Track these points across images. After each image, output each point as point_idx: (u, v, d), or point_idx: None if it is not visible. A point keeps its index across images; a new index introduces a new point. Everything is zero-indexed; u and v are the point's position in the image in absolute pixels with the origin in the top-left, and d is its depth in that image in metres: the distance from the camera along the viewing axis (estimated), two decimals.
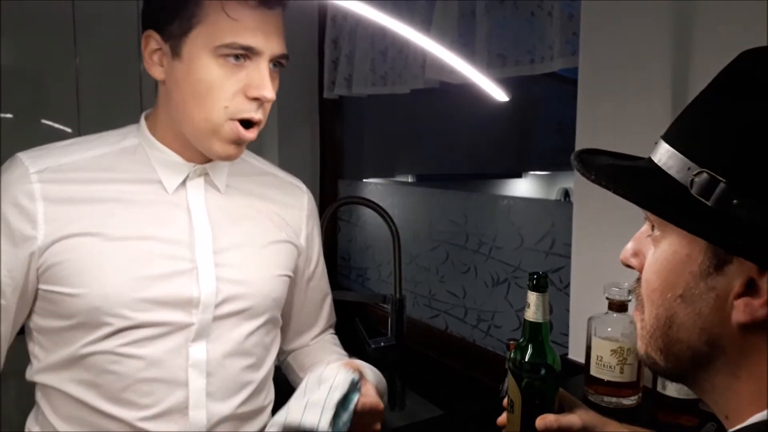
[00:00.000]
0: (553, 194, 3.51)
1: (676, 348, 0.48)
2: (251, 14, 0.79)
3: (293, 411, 0.77)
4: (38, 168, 0.83)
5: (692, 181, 0.43)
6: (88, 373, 0.85)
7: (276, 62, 0.85)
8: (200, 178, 0.91)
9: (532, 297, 0.77)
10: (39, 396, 0.90)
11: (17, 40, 2.05)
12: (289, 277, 1.00)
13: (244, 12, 0.79)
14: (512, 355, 0.79)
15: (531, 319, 0.77)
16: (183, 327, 0.86)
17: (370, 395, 0.83)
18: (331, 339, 1.16)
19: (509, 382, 0.79)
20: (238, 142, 0.85)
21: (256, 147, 2.40)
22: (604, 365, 0.96)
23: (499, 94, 1.15)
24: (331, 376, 0.79)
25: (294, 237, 1.00)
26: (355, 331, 1.46)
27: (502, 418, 0.82)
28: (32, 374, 0.90)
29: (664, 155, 0.46)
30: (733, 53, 0.47)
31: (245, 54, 0.80)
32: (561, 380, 0.80)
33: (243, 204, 0.94)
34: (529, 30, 1.44)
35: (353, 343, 1.65)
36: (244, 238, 0.92)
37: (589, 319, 1.01)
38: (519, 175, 3.43)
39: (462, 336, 1.73)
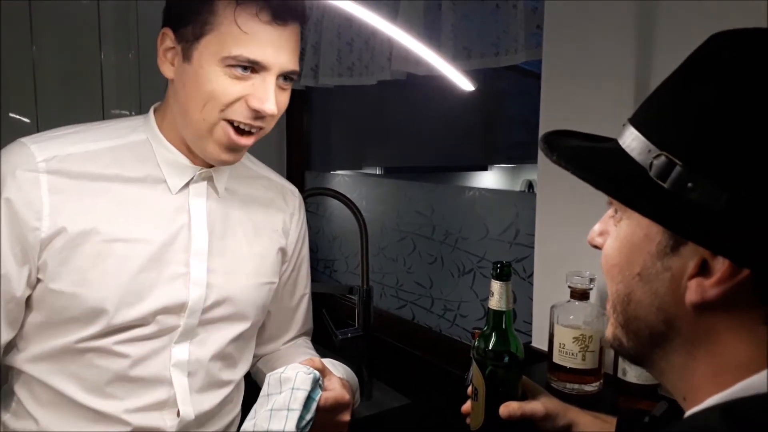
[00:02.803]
0: (518, 186, 3.56)
1: (634, 325, 0.49)
2: (263, 29, 0.80)
3: (260, 418, 0.78)
4: (46, 156, 0.82)
5: (651, 163, 0.43)
6: (73, 366, 0.85)
7: (286, 77, 0.85)
8: (204, 182, 0.90)
9: (496, 286, 0.78)
10: (17, 384, 0.89)
11: None
12: (275, 283, 1.01)
13: (256, 26, 0.79)
14: (476, 343, 0.80)
15: (495, 308, 0.78)
16: (170, 329, 0.88)
17: (334, 388, 0.84)
18: (303, 343, 1.16)
19: (473, 370, 0.80)
20: (232, 148, 0.85)
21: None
22: (567, 352, 0.98)
23: (465, 84, 1.16)
24: (291, 376, 0.80)
25: (283, 243, 1.02)
26: (322, 322, 1.46)
27: (466, 406, 0.83)
28: (12, 361, 0.88)
29: (629, 138, 0.47)
30: (698, 40, 0.47)
31: (252, 66, 0.80)
32: (524, 368, 0.82)
33: (239, 209, 0.95)
34: (494, 23, 1.45)
35: (321, 334, 1.65)
36: (238, 244, 0.94)
37: (552, 307, 1.03)
38: (485, 168, 3.47)
39: (428, 326, 1.75)
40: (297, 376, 0.79)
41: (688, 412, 0.44)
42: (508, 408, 0.77)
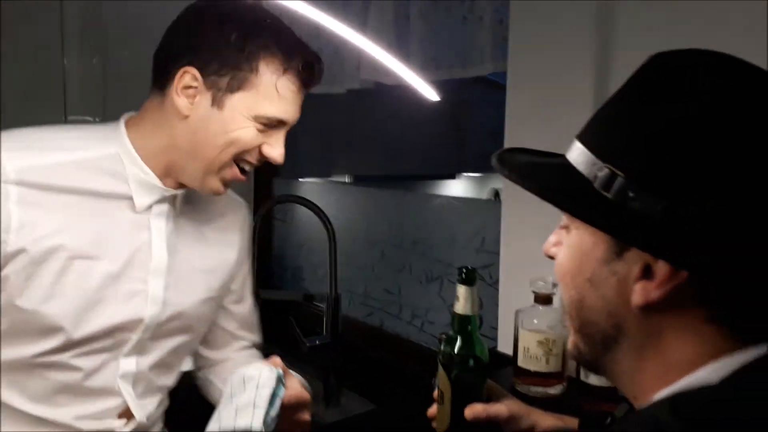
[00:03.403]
0: (485, 195, 3.61)
1: (588, 330, 0.51)
2: (294, 93, 0.86)
3: (225, 418, 0.77)
4: (18, 166, 0.80)
5: (596, 176, 0.46)
6: (22, 377, 0.85)
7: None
8: (166, 202, 0.91)
9: (461, 290, 0.79)
10: None
11: None
12: (223, 296, 1.04)
13: (290, 92, 0.86)
14: (442, 347, 0.81)
15: (460, 312, 0.80)
16: (122, 343, 0.89)
17: (294, 388, 0.86)
18: (255, 353, 1.16)
19: (439, 374, 0.82)
20: (229, 183, 0.90)
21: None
22: (531, 356, 1.00)
23: (431, 94, 1.18)
24: (255, 375, 0.80)
25: (233, 255, 1.03)
26: (289, 329, 1.45)
27: (432, 410, 0.84)
28: None
29: (575, 152, 0.50)
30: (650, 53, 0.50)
31: (277, 124, 0.87)
32: (490, 372, 0.83)
33: (192, 224, 0.96)
34: (461, 34, 1.48)
35: (288, 342, 1.64)
36: (191, 259, 0.95)
37: (517, 312, 1.05)
38: (453, 176, 3.51)
39: (397, 333, 1.76)
40: (261, 374, 0.80)
41: (639, 408, 0.46)
42: (473, 410, 0.78)
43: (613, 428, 0.52)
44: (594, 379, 0.96)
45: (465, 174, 3.51)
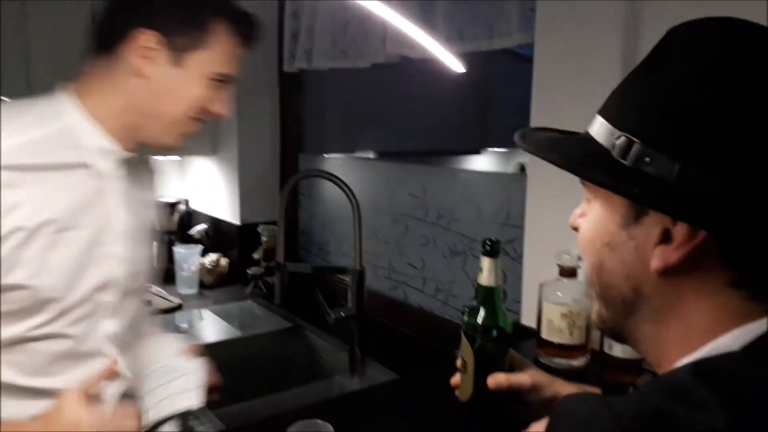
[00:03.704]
0: (510, 170, 3.58)
1: (608, 294, 0.52)
2: (241, 51, 0.95)
3: (164, 405, 0.85)
4: None
5: (614, 144, 0.47)
6: (14, 353, 0.87)
7: None
8: (122, 167, 0.95)
9: (485, 262, 0.80)
10: None
11: None
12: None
13: (239, 50, 0.94)
14: (466, 318, 0.82)
15: (484, 284, 0.80)
16: (103, 306, 0.93)
17: (213, 372, 0.98)
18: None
19: (463, 344, 0.83)
20: (185, 138, 0.96)
21: (213, 122, 2.37)
22: (555, 329, 1.01)
23: (457, 66, 1.18)
24: (184, 363, 0.92)
25: (153, 213, 1.08)
26: (316, 301, 1.48)
27: (456, 379, 0.85)
28: None
29: (596, 126, 0.51)
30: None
31: (228, 81, 0.94)
32: (513, 343, 0.84)
33: (133, 187, 0.99)
34: (487, 5, 1.45)
35: (315, 314, 1.67)
36: (138, 220, 0.99)
37: (541, 285, 1.05)
38: (477, 152, 3.48)
39: (420, 306, 1.77)
40: (190, 362, 0.93)
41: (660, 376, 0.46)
42: (496, 379, 0.79)
43: (635, 391, 0.52)
44: (617, 351, 0.97)
45: (490, 149, 3.48)
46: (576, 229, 0.57)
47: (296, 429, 0.70)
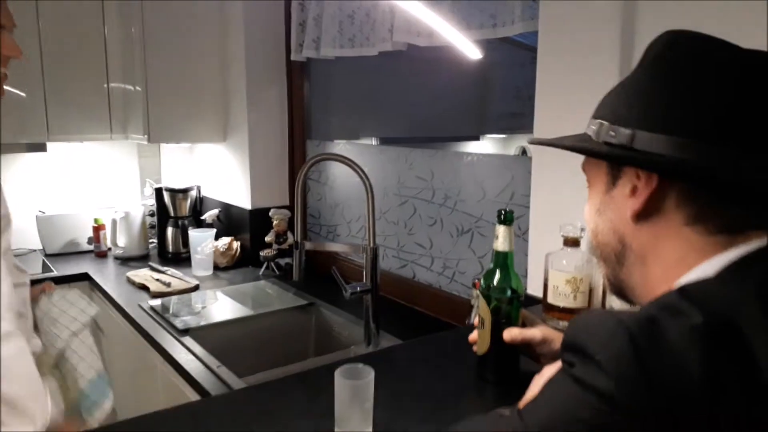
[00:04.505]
0: (512, 153, 3.65)
1: (605, 252, 0.63)
2: None
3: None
4: None
5: (593, 130, 0.61)
6: None
7: None
8: None
9: (500, 230, 0.89)
10: None
11: None
12: None
13: None
14: (482, 280, 0.92)
15: (499, 249, 0.89)
16: None
17: None
18: None
19: (480, 303, 0.92)
20: None
21: (224, 110, 2.45)
22: (560, 293, 1.10)
23: (473, 52, 1.25)
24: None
25: None
26: (333, 278, 1.57)
27: (473, 336, 0.95)
28: None
29: (588, 123, 0.63)
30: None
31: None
32: (523, 302, 0.93)
33: None
34: None
35: (333, 290, 1.76)
36: None
37: (547, 255, 1.14)
38: (477, 138, 3.56)
39: (429, 283, 1.87)
40: None
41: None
42: (511, 333, 0.89)
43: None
44: None
45: (489, 135, 3.56)
46: None
47: (342, 370, 0.79)
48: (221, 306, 1.97)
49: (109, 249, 2.60)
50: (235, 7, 2.32)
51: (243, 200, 2.44)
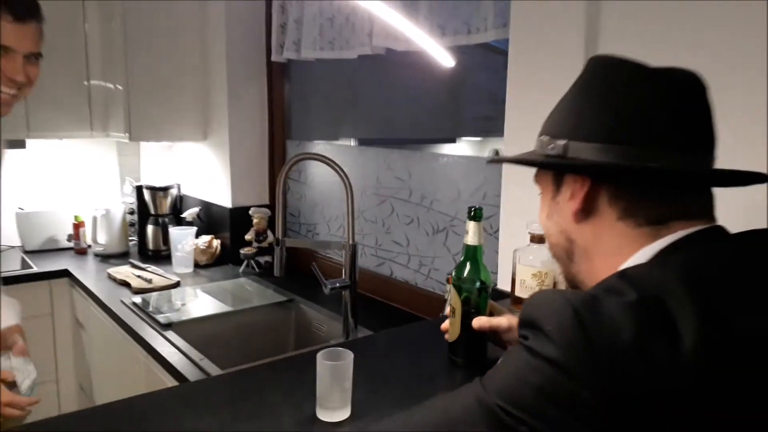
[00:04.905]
0: (485, 155, 3.75)
1: (557, 252, 0.71)
2: (9, 23, 1.11)
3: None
4: None
5: (537, 144, 0.70)
6: None
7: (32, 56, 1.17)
8: None
9: (470, 225, 0.95)
10: None
11: None
12: None
13: (7, 21, 1.11)
14: (454, 272, 0.98)
15: (469, 243, 0.96)
16: None
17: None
18: None
19: (452, 294, 0.99)
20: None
21: (205, 109, 2.49)
22: (527, 287, 1.17)
23: (446, 59, 1.32)
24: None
25: None
26: (312, 275, 1.62)
27: (445, 324, 1.01)
28: None
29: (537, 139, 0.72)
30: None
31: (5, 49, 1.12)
32: (491, 293, 1.00)
33: None
34: (465, 3, 1.61)
35: (313, 286, 1.82)
36: None
37: (515, 251, 1.22)
38: (453, 141, 3.64)
39: (405, 280, 1.93)
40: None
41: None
42: (479, 321, 0.95)
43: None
44: None
45: (464, 138, 3.65)
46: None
47: (324, 353, 0.85)
48: (201, 302, 2.01)
49: (89, 246, 2.62)
50: (217, 7, 2.36)
51: (223, 199, 2.48)
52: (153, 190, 2.56)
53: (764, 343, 0.51)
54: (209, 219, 2.56)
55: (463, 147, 3.81)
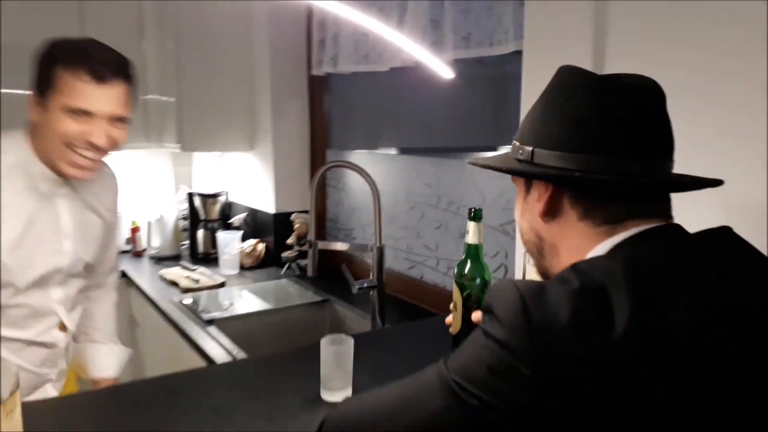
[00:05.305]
0: None
1: (530, 249, 0.77)
2: (92, 87, 1.12)
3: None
4: None
5: (512, 150, 0.75)
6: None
7: (117, 119, 1.19)
8: (64, 185, 1.28)
9: (471, 225, 1.03)
10: None
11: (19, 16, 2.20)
12: (102, 245, 1.45)
13: (88, 85, 1.12)
14: (456, 270, 1.06)
15: (470, 242, 1.04)
16: (52, 282, 1.31)
17: None
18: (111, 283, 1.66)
19: (454, 290, 1.06)
20: (81, 167, 1.19)
21: (251, 121, 2.64)
22: None
23: (446, 72, 1.40)
24: None
25: (106, 215, 1.42)
26: (343, 275, 1.72)
27: (449, 318, 1.09)
28: None
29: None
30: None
31: (87, 114, 1.14)
32: None
33: (84, 197, 1.33)
34: (488, 15, 1.68)
35: (342, 286, 1.92)
36: (85, 222, 1.34)
37: (525, 252, 1.27)
38: (494, 149, 3.68)
39: (435, 283, 2.01)
40: None
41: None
42: (477, 315, 1.02)
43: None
44: None
45: (505, 145, 3.68)
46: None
47: (327, 339, 0.94)
48: (244, 301, 2.14)
49: (144, 249, 2.81)
50: (262, 26, 2.51)
51: (268, 205, 2.62)
52: (203, 197, 2.73)
53: (694, 329, 0.57)
54: (255, 224, 2.70)
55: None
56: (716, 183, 0.71)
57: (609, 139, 0.67)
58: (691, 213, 0.79)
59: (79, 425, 0.96)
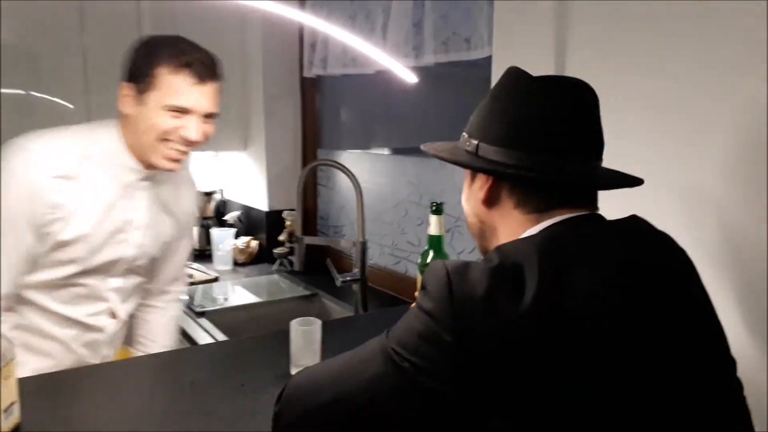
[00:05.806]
0: None
1: (473, 231, 0.85)
2: (191, 85, 1.20)
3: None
4: (55, 166, 1.20)
5: (461, 141, 0.82)
6: (54, 288, 1.28)
7: (208, 115, 1.25)
8: (146, 179, 1.31)
9: (433, 218, 1.11)
10: (19, 306, 1.29)
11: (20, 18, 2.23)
12: (172, 244, 1.48)
13: (187, 84, 1.19)
14: (419, 260, 1.14)
15: (432, 233, 1.12)
16: (113, 270, 1.34)
17: None
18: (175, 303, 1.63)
19: (418, 279, 1.14)
20: (175, 160, 1.25)
21: (245, 121, 2.73)
22: None
23: (410, 77, 1.49)
24: None
25: (183, 218, 1.46)
26: (327, 269, 1.81)
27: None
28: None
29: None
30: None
31: (184, 111, 1.20)
32: None
33: (162, 195, 1.37)
34: (464, 22, 1.76)
35: (326, 279, 2.01)
36: (158, 219, 1.38)
37: None
38: None
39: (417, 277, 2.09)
40: None
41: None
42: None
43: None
44: None
45: None
46: None
47: (296, 321, 1.02)
48: (237, 295, 2.23)
49: None
50: (255, 29, 2.60)
51: (261, 203, 2.71)
52: (198, 195, 2.82)
53: (597, 300, 0.65)
54: (248, 221, 2.79)
55: None
56: (637, 182, 0.79)
57: (540, 139, 0.75)
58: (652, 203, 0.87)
59: (66, 399, 1.05)
